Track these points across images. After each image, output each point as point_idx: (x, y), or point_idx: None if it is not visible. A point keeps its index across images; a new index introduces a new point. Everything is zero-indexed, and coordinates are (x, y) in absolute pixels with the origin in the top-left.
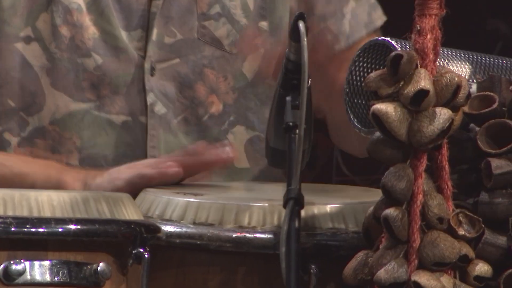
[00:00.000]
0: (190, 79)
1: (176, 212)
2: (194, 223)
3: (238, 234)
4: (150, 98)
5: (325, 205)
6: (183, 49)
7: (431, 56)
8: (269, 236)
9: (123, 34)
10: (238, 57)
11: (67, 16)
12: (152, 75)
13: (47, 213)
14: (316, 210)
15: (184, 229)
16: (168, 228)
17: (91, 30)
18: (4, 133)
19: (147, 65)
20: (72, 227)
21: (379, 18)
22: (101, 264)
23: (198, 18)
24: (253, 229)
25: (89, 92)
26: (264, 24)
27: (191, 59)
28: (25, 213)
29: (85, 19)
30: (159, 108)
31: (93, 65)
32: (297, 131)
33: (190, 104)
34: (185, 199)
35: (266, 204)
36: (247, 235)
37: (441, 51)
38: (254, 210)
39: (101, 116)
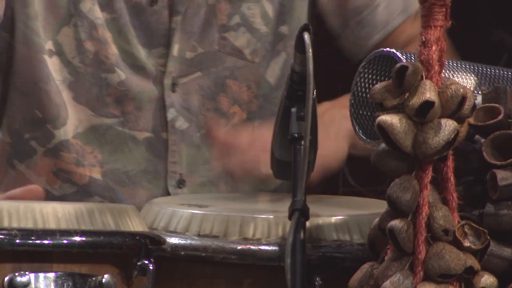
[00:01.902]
0: (212, 91)
1: (180, 224)
2: (199, 235)
3: (243, 246)
4: (171, 113)
5: (330, 217)
6: (204, 62)
7: (436, 67)
8: (274, 248)
9: (143, 52)
10: (261, 65)
11: (92, 31)
12: (173, 91)
13: (52, 225)
14: (321, 221)
15: (188, 241)
16: (173, 240)
17: (112, 47)
18: (31, 141)
19: (167, 81)
20: (77, 239)
21: (415, 1)
22: (106, 276)
23: (218, 30)
24: (258, 241)
25: (113, 108)
26: (284, 28)
27: (212, 71)
28: (30, 225)
29: (107, 36)
30: (181, 124)
31: (117, 80)
32: (303, 142)
33: (213, 116)
34: (189, 210)
35: (271, 216)
36: (252, 247)
37: (446, 63)
38: (259, 222)
39: (125, 132)
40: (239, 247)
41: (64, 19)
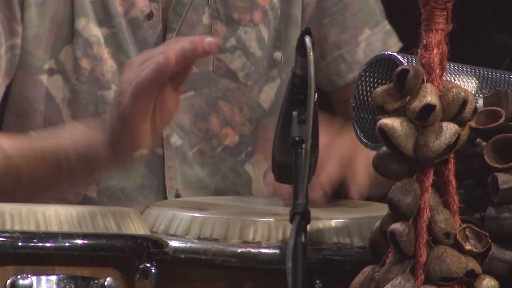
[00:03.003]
0: (204, 111)
1: (180, 227)
2: (199, 238)
3: (243, 249)
4: (166, 130)
5: (330, 220)
6: (198, 82)
7: (438, 71)
8: (274, 251)
9: None
10: (253, 88)
11: (87, 48)
12: None
13: (54, 228)
14: (321, 224)
15: (188, 244)
16: (173, 243)
17: (109, 63)
18: None
19: None
20: (79, 242)
21: (394, 45)
22: (108, 279)
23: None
24: (258, 244)
25: None
26: (278, 54)
27: (205, 91)
28: (32, 227)
29: (103, 52)
30: (175, 140)
31: (113, 97)
32: (304, 145)
33: (204, 136)
34: (189, 214)
35: (271, 219)
36: (252, 250)
37: (448, 66)
38: (259, 225)
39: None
40: (239, 250)
41: (66, 37)
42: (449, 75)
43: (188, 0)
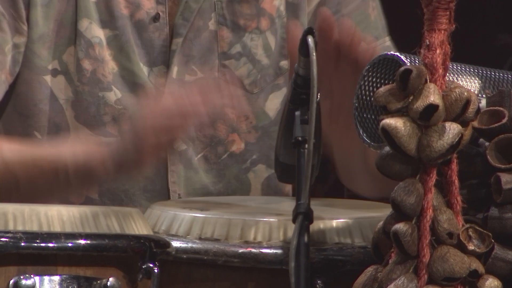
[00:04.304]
0: (209, 117)
1: (182, 228)
2: (200, 239)
3: (244, 250)
4: None
5: (332, 220)
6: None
7: (441, 71)
8: (275, 251)
9: (145, 70)
10: (259, 96)
11: (89, 49)
12: None
13: (56, 228)
14: (322, 225)
15: (190, 245)
16: (174, 244)
17: (110, 65)
18: None
19: None
20: (82, 242)
21: None
22: (110, 279)
23: (219, 57)
24: (259, 244)
25: (110, 127)
26: (285, 63)
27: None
28: (35, 228)
29: (105, 54)
30: (179, 144)
31: (113, 98)
32: (306, 145)
33: (210, 143)
34: (191, 214)
35: (272, 219)
36: (253, 250)
37: (451, 66)
38: (260, 225)
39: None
40: (240, 251)
41: (70, 38)
42: (452, 75)
43: (196, 6)
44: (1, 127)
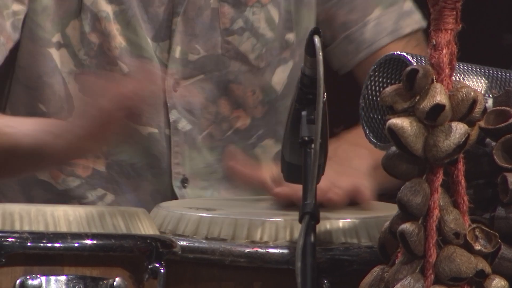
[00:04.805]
0: (214, 94)
1: (188, 228)
2: (207, 238)
3: (250, 249)
4: (173, 115)
5: (338, 220)
6: (207, 65)
7: (447, 70)
8: (282, 251)
9: (152, 45)
10: (266, 71)
11: (95, 23)
12: (175, 90)
13: (63, 228)
14: (329, 225)
15: (196, 244)
16: (181, 243)
17: (118, 40)
18: None
19: (169, 83)
20: (88, 242)
21: (408, 25)
22: (117, 279)
23: (221, 33)
24: (265, 244)
25: None
26: (290, 36)
27: (215, 75)
28: (41, 228)
29: (112, 28)
30: (184, 125)
31: (120, 73)
32: (313, 145)
33: (214, 120)
34: (197, 214)
35: (279, 219)
36: (259, 250)
37: (457, 66)
38: (266, 225)
39: (129, 125)
40: (246, 250)
41: (73, 11)
42: (458, 75)
43: None
44: (6, 100)
